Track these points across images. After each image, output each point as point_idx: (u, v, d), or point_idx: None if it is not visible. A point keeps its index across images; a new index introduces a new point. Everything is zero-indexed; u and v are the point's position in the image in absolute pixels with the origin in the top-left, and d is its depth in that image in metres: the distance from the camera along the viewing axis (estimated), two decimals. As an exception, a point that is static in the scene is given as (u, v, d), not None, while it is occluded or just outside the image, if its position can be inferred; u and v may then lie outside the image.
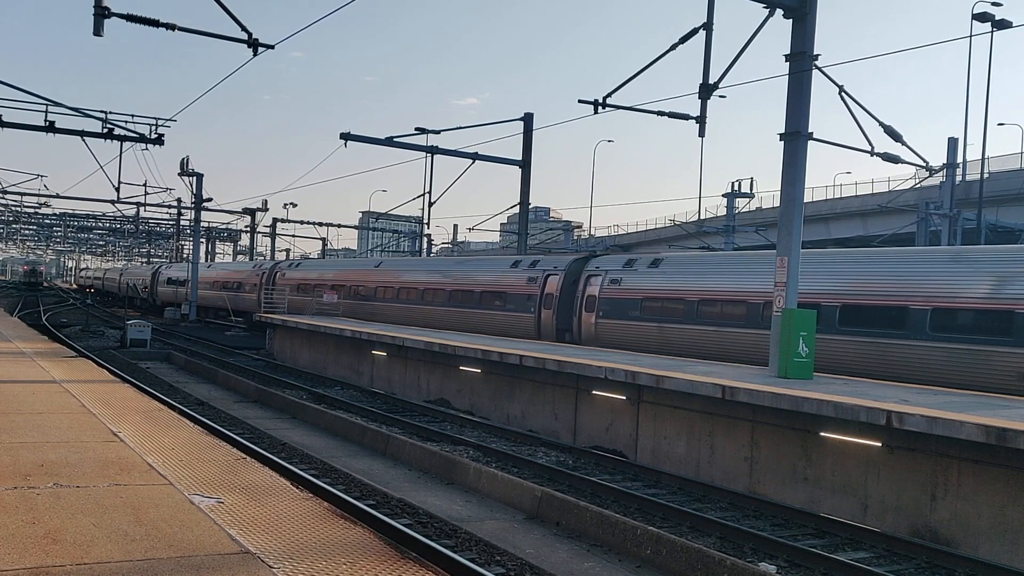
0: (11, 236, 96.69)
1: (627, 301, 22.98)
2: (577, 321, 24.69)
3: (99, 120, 26.95)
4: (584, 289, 24.49)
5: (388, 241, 76.26)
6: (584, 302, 24.39)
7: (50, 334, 36.69)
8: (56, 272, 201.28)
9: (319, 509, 6.56)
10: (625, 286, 23.17)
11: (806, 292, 17.32)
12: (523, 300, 26.65)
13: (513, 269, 27.81)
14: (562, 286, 25.31)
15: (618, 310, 23.27)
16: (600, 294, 23.87)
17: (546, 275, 26.08)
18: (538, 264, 27.04)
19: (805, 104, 15.87)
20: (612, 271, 23.93)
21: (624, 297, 23.09)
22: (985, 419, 10.56)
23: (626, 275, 23.37)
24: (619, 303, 23.24)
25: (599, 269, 24.44)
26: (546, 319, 25.72)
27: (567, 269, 25.56)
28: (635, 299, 22.76)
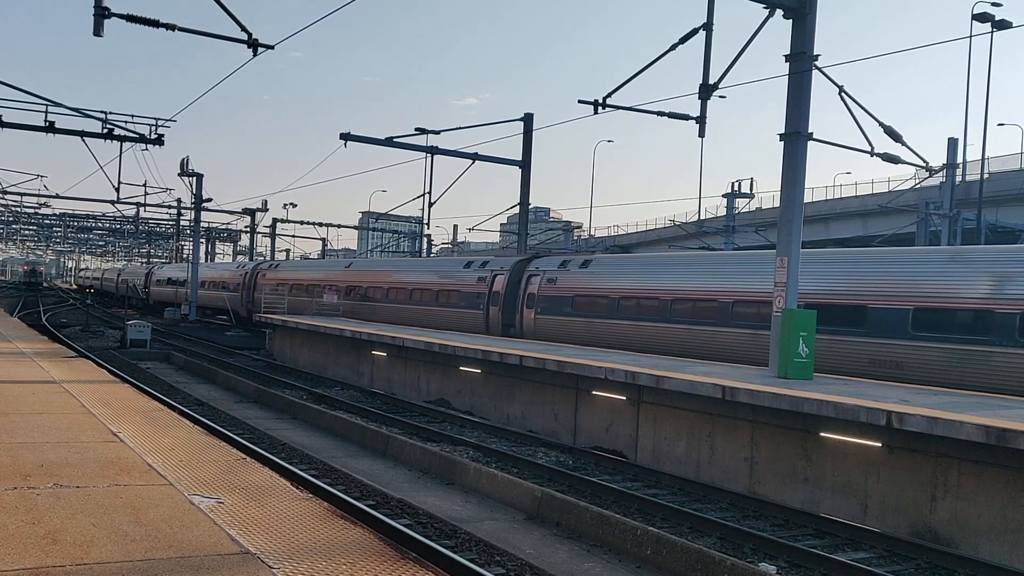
0: (11, 236, 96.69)
1: (561, 298, 25.01)
2: (519, 317, 26.65)
3: (99, 120, 26.96)
4: (525, 288, 26.53)
5: (388, 241, 76.27)
6: (525, 299, 26.43)
7: (50, 334, 36.70)
8: (56, 272, 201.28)
9: (319, 509, 6.56)
10: (560, 285, 25.25)
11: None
12: (474, 298, 28.77)
13: (466, 269, 30.03)
14: (507, 285, 27.35)
15: (554, 306, 25.29)
16: (539, 292, 25.91)
17: (494, 275, 28.13)
18: (487, 265, 29.10)
19: (805, 104, 15.88)
20: (549, 271, 25.98)
21: (559, 295, 25.14)
22: (985, 419, 10.56)
23: (560, 275, 25.40)
24: (554, 300, 25.27)
25: (538, 269, 26.47)
26: (493, 315, 27.71)
27: (512, 269, 27.56)
28: (568, 296, 24.77)
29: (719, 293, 19.80)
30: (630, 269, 23.64)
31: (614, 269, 24.08)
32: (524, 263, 27.61)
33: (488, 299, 28.02)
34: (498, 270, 28.16)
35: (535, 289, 26.05)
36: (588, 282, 24.25)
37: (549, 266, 26.30)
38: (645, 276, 22.59)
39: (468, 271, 29.79)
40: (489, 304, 27.95)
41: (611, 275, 23.75)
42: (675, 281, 21.20)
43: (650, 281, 22.17)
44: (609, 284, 23.48)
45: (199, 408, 20.49)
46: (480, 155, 33.29)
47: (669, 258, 23.85)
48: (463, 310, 29.27)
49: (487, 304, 28.05)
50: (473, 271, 29.47)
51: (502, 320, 27.23)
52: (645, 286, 22.20)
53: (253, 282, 46.65)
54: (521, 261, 27.97)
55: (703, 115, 17.82)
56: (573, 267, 25.26)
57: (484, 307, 28.20)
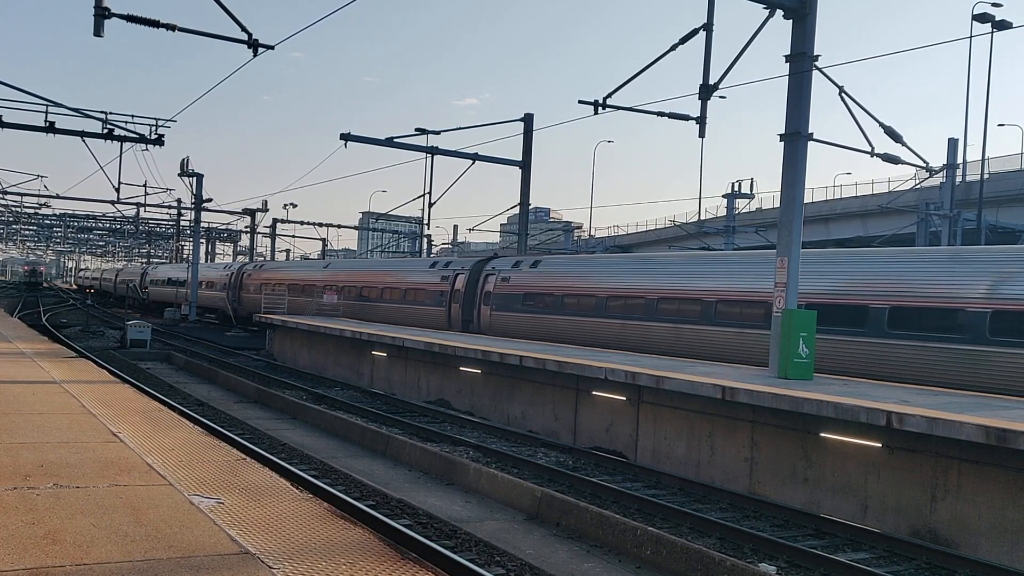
0: (11, 237, 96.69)
1: (513, 296, 27.00)
2: (477, 313, 28.55)
3: (99, 121, 26.96)
4: (483, 286, 28.47)
5: (388, 242, 76.27)
6: (482, 297, 28.37)
7: (50, 334, 36.71)
8: (56, 272, 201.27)
9: (319, 510, 6.56)
10: (512, 284, 27.22)
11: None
12: (438, 296, 30.77)
13: (431, 269, 32.21)
14: (467, 284, 29.29)
15: (507, 304, 27.25)
16: (494, 290, 27.86)
17: (455, 275, 30.11)
18: (450, 265, 31.18)
19: (805, 105, 15.88)
20: (503, 271, 27.95)
21: (511, 293, 27.13)
22: (985, 420, 10.56)
23: (513, 274, 27.35)
24: (508, 298, 27.25)
25: (494, 269, 28.47)
26: (455, 312, 29.59)
27: (471, 269, 29.55)
28: (519, 294, 26.78)
29: (646, 292, 22.01)
30: (574, 270, 25.57)
31: (560, 269, 26.03)
32: (482, 263, 29.61)
33: (450, 297, 29.88)
34: (459, 270, 30.08)
35: (491, 288, 27.95)
36: (537, 281, 26.19)
37: (504, 266, 28.26)
38: (586, 276, 24.54)
39: (433, 271, 31.80)
40: (451, 302, 29.75)
41: (557, 275, 25.68)
42: (610, 281, 23.43)
43: (590, 281, 24.20)
44: (555, 283, 25.44)
45: (199, 408, 20.49)
46: (480, 155, 33.29)
47: (608, 260, 26.50)
48: (428, 307, 31.09)
49: (449, 302, 29.87)
50: (437, 271, 31.43)
51: (462, 316, 29.07)
52: (586, 285, 24.20)
53: (239, 282, 48.86)
54: (480, 262, 29.98)
55: (703, 115, 17.82)
56: (524, 267, 27.23)
57: (447, 304, 30.02)
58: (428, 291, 31.26)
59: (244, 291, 47.50)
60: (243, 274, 48.85)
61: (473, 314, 28.67)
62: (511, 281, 27.19)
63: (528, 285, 26.39)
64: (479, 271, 29.08)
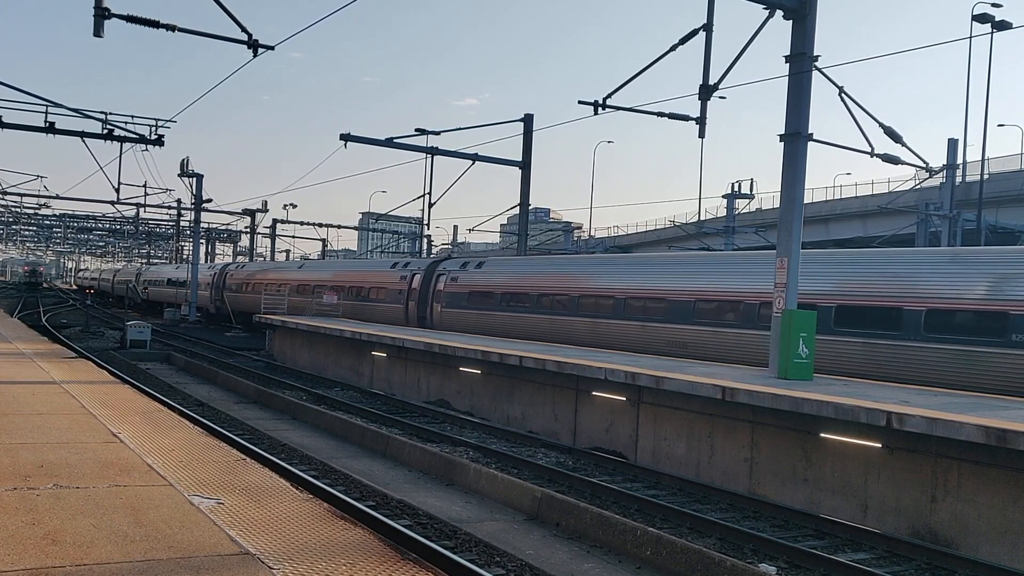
0: (11, 237, 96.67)
1: (461, 294, 29.29)
2: (430, 310, 30.90)
3: (99, 121, 26.93)
4: (435, 285, 30.85)
5: (388, 242, 76.29)
6: (434, 295, 30.76)
7: (50, 335, 36.71)
8: (56, 273, 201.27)
9: (319, 510, 6.56)
10: (460, 283, 29.47)
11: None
12: (397, 294, 33.14)
13: (392, 270, 34.57)
14: (422, 283, 31.65)
15: (455, 301, 29.54)
16: (444, 289, 30.20)
17: (412, 275, 32.47)
18: (408, 266, 33.68)
19: (805, 105, 15.88)
20: (453, 271, 30.30)
21: (459, 291, 29.41)
22: (985, 420, 10.56)
23: (461, 274, 29.66)
24: (456, 296, 29.53)
25: (445, 270, 30.84)
26: (411, 309, 31.96)
27: (426, 270, 31.98)
28: (466, 292, 29.08)
29: (569, 289, 24.57)
30: (512, 271, 27.88)
31: (500, 270, 28.33)
32: (435, 264, 32.13)
33: (408, 295, 32.31)
34: (416, 271, 32.54)
35: (442, 287, 30.38)
36: (481, 281, 28.59)
37: (453, 267, 30.73)
38: (522, 277, 26.87)
39: (393, 271, 34.36)
40: (408, 300, 32.19)
41: (498, 275, 28.07)
42: (542, 282, 25.84)
43: (525, 281, 26.60)
44: (496, 283, 27.86)
45: (199, 409, 20.49)
46: (480, 156, 33.29)
47: (540, 262, 29.01)
48: (389, 305, 33.48)
49: (407, 299, 32.28)
50: (397, 271, 33.98)
51: (418, 313, 31.54)
52: (522, 285, 26.59)
53: (222, 282, 51.98)
54: (433, 263, 32.51)
55: (703, 116, 17.82)
56: (471, 268, 29.70)
57: (404, 302, 32.42)
58: (389, 290, 33.69)
59: (227, 290, 50.58)
60: (226, 275, 51.90)
61: (427, 311, 31.04)
62: (459, 281, 29.62)
63: (473, 285, 28.85)
64: (432, 271, 31.53)
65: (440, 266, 31.49)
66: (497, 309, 27.10)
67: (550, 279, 25.63)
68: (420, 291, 31.51)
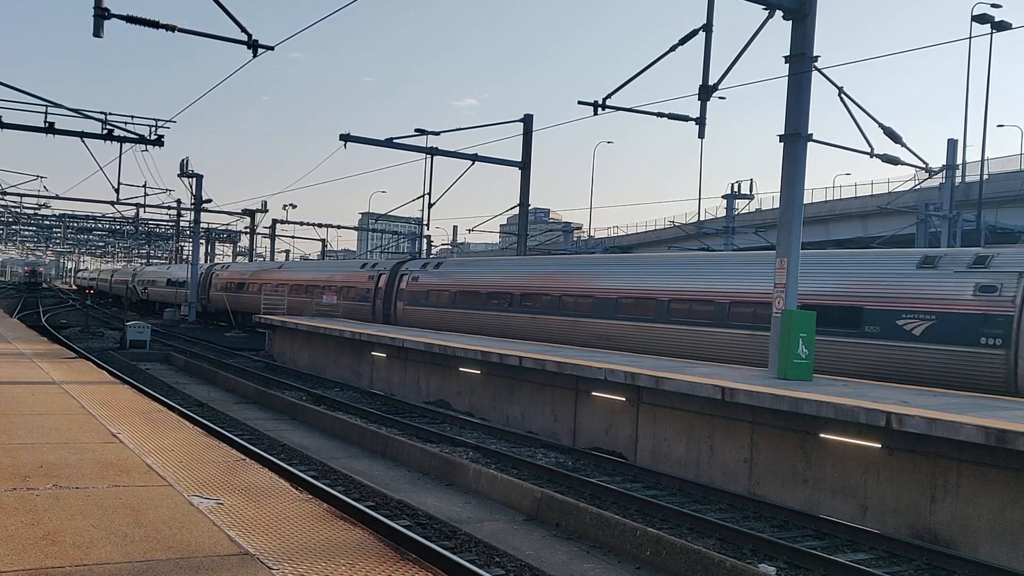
0: (11, 237, 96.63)
1: (421, 293, 31.74)
2: (394, 307, 33.28)
3: (99, 121, 26.94)
4: (398, 284, 33.37)
5: (388, 242, 76.29)
6: (397, 294, 33.23)
7: (50, 335, 36.69)
8: (56, 273, 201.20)
9: (318, 510, 6.56)
10: (420, 282, 31.93)
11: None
12: (365, 292, 35.66)
13: (362, 270, 37.21)
14: (387, 283, 34.14)
15: (416, 299, 31.96)
16: (406, 288, 32.69)
17: (379, 275, 35.04)
18: (376, 266, 36.31)
19: (805, 105, 15.88)
20: (414, 271, 32.77)
21: (419, 290, 31.86)
22: (985, 420, 10.57)
23: (421, 274, 32.15)
24: (416, 294, 31.98)
25: (408, 269, 33.41)
26: (378, 306, 34.47)
27: (391, 270, 34.44)
28: (425, 291, 31.52)
29: (513, 289, 26.87)
30: (465, 271, 30.29)
31: (455, 271, 30.74)
32: (399, 265, 34.61)
33: (375, 294, 34.90)
34: (382, 271, 35.10)
35: (404, 286, 32.91)
36: (438, 280, 31.00)
37: (415, 268, 33.20)
38: (474, 277, 29.26)
39: (363, 271, 36.92)
40: (375, 298, 34.85)
41: (453, 275, 30.37)
42: (489, 281, 28.22)
43: (475, 280, 28.95)
44: (451, 282, 30.14)
45: (199, 409, 20.48)
46: (480, 156, 33.31)
47: (488, 263, 31.30)
48: (359, 302, 36.00)
49: (374, 298, 34.85)
50: (366, 271, 36.59)
51: (383, 310, 34.02)
52: (472, 284, 28.93)
53: (208, 281, 54.62)
54: (397, 264, 34.94)
55: (703, 116, 17.82)
56: (430, 268, 32.13)
57: (372, 300, 34.98)
58: (358, 288, 36.33)
59: (212, 289, 53.49)
60: (211, 274, 54.80)
61: (391, 308, 33.52)
62: (419, 280, 32.12)
63: (431, 284, 31.31)
64: (396, 272, 34.08)
65: (403, 267, 34.01)
66: (452, 306, 29.57)
67: (497, 280, 28.02)
68: (385, 290, 34.09)
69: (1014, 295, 15.12)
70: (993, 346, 15.11)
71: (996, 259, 16.00)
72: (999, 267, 15.75)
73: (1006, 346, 14.92)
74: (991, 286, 15.52)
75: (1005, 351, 14.94)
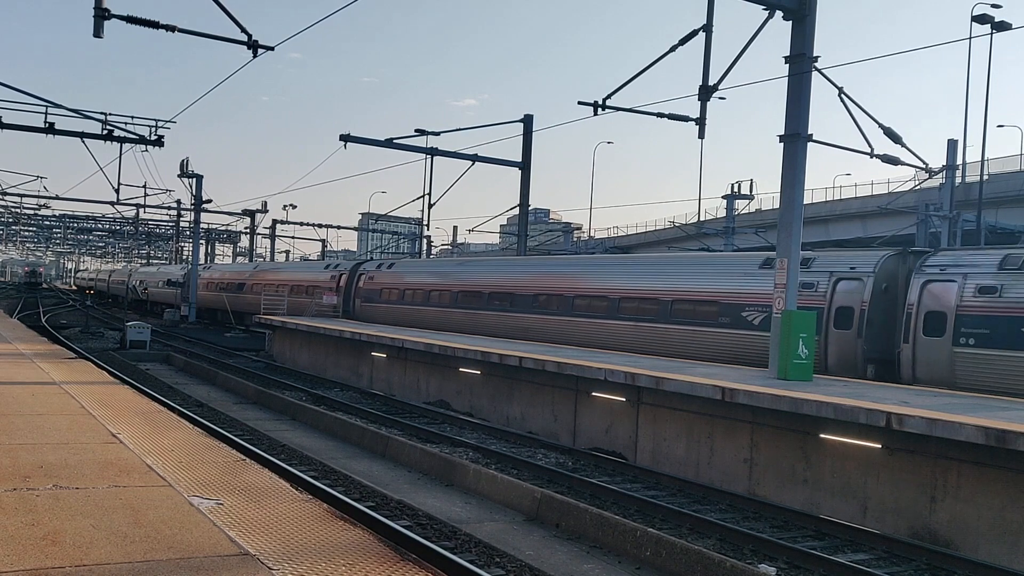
0: (11, 238, 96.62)
1: (375, 291, 34.97)
2: (352, 304, 36.67)
3: (99, 122, 26.94)
4: (356, 283, 36.78)
5: (388, 243, 76.31)
6: (355, 291, 36.57)
7: (50, 335, 36.69)
8: (56, 273, 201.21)
9: (318, 511, 6.56)
10: (375, 281, 35.19)
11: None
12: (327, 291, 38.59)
13: (325, 270, 40.71)
14: (347, 281, 37.55)
15: (371, 297, 35.16)
16: (363, 286, 36.02)
17: (340, 274, 38.39)
18: (338, 267, 39.89)
19: (805, 106, 15.88)
20: (370, 271, 36.31)
21: (374, 288, 35.09)
22: (985, 421, 10.57)
23: (376, 274, 35.48)
24: (371, 292, 35.22)
25: (364, 269, 37.00)
26: (339, 303, 37.49)
27: (350, 270, 38.04)
28: (379, 289, 34.70)
29: (452, 286, 30.00)
30: (412, 270, 33.68)
31: (404, 270, 34.09)
32: (358, 265, 38.29)
33: (336, 292, 38.00)
34: (343, 271, 38.49)
35: (361, 284, 36.22)
36: (390, 279, 34.26)
37: (371, 268, 36.70)
38: (418, 276, 32.59)
39: (326, 271, 40.27)
40: (336, 296, 37.86)
41: (402, 275, 33.67)
42: (431, 280, 31.50)
43: (420, 279, 32.20)
44: (401, 281, 33.37)
45: (199, 409, 20.48)
46: (480, 156, 33.33)
47: (433, 263, 36.06)
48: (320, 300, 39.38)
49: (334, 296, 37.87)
50: (329, 271, 39.88)
51: (343, 307, 37.20)
52: (418, 282, 32.20)
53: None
54: (356, 264, 38.69)
55: (703, 116, 17.82)
56: (383, 268, 35.47)
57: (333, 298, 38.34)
58: (322, 287, 39.41)
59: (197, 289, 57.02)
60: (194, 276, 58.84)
61: (350, 304, 36.76)
62: (374, 280, 35.33)
63: (383, 283, 34.53)
64: (355, 271, 37.50)
65: (361, 267, 37.70)
66: (400, 303, 32.89)
67: (439, 279, 31.07)
68: (345, 288, 37.47)
69: (826, 291, 18.34)
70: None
71: (815, 261, 19.05)
72: (817, 268, 18.78)
73: (819, 333, 17.58)
74: (810, 283, 18.53)
75: (820, 336, 17.64)
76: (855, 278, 18.04)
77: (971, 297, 16.12)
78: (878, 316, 17.65)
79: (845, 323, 17.86)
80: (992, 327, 15.65)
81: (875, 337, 17.62)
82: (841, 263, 18.58)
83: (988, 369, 15.63)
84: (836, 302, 18.08)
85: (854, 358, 17.68)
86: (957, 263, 16.96)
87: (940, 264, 17.15)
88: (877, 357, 17.63)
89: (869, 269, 17.93)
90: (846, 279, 18.19)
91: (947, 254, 17.69)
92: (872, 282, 17.69)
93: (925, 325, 16.66)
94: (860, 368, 17.56)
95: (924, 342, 16.64)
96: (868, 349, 17.58)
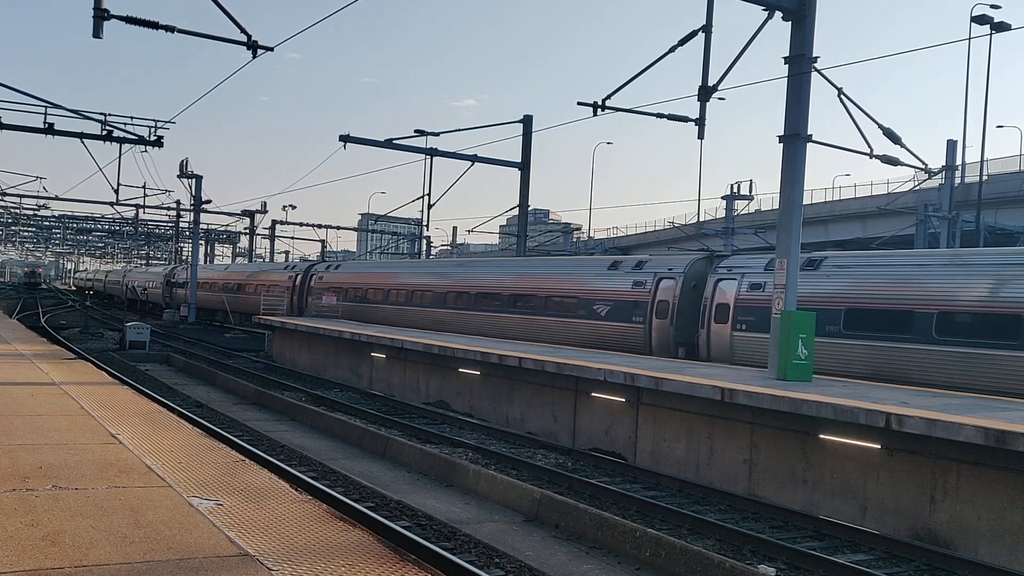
0: (10, 238, 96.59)
1: (323, 289, 38.87)
2: (304, 301, 40.96)
3: (98, 122, 26.95)
4: (309, 282, 41.29)
5: (387, 243, 76.33)
6: (308, 290, 41.00)
7: (49, 336, 36.67)
8: (55, 274, 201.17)
9: (318, 511, 6.56)
10: (324, 280, 39.70)
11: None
12: (284, 290, 43.36)
13: (283, 271, 45.44)
14: (302, 281, 42.03)
15: (320, 294, 38.49)
16: (314, 285, 40.50)
17: (296, 274, 42.99)
18: (295, 268, 44.78)
19: (804, 106, 15.88)
20: (320, 271, 40.90)
21: (323, 287, 39.25)
22: (984, 421, 10.57)
23: (325, 274, 40.11)
24: (321, 290, 39.04)
25: (315, 270, 41.78)
26: (294, 300, 42.08)
27: (304, 271, 42.68)
28: (326, 288, 38.56)
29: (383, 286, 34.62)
30: (353, 271, 38.42)
31: (348, 270, 38.92)
32: (312, 266, 43.28)
33: (292, 290, 42.50)
34: (299, 271, 42.98)
35: (313, 283, 40.62)
36: (336, 279, 38.68)
37: (321, 268, 41.51)
38: (358, 276, 37.20)
39: (284, 272, 45.07)
40: (292, 294, 42.35)
41: (346, 275, 38.23)
42: (368, 280, 36.06)
43: (359, 279, 36.72)
44: (345, 280, 37.78)
45: (198, 410, 20.47)
46: (479, 157, 33.33)
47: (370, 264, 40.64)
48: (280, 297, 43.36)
49: (291, 293, 42.45)
50: (287, 272, 44.62)
51: (298, 304, 41.53)
52: (357, 281, 36.69)
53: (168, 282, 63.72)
54: (311, 265, 43.67)
55: (702, 117, 17.82)
56: (332, 269, 40.41)
57: (290, 295, 42.53)
58: (281, 286, 43.72)
59: (176, 287, 61.73)
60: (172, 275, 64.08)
61: (303, 302, 40.97)
62: (324, 279, 39.73)
63: (331, 282, 38.83)
64: (308, 272, 42.07)
65: (314, 268, 42.48)
66: (345, 300, 36.86)
67: (371, 279, 35.90)
68: (300, 287, 41.89)
69: (651, 288, 22.17)
70: (639, 322, 22.33)
71: (647, 264, 22.89)
72: (648, 269, 22.70)
73: (646, 322, 22.04)
74: (641, 282, 22.55)
75: (645, 325, 22.04)
76: (671, 277, 21.79)
77: (745, 292, 19.80)
78: (687, 308, 21.35)
79: (663, 314, 21.64)
80: (757, 315, 19.14)
81: (684, 325, 21.30)
82: (664, 265, 22.40)
83: (756, 348, 18.84)
84: (657, 296, 21.90)
85: (669, 341, 21.44)
86: (740, 265, 20.58)
87: (728, 265, 20.83)
88: (685, 341, 21.23)
89: (680, 270, 21.74)
90: (665, 278, 21.94)
91: (734, 258, 21.50)
92: (683, 280, 21.50)
93: (715, 314, 20.31)
94: (672, 350, 21.31)
95: (715, 328, 20.29)
96: (678, 334, 21.34)
